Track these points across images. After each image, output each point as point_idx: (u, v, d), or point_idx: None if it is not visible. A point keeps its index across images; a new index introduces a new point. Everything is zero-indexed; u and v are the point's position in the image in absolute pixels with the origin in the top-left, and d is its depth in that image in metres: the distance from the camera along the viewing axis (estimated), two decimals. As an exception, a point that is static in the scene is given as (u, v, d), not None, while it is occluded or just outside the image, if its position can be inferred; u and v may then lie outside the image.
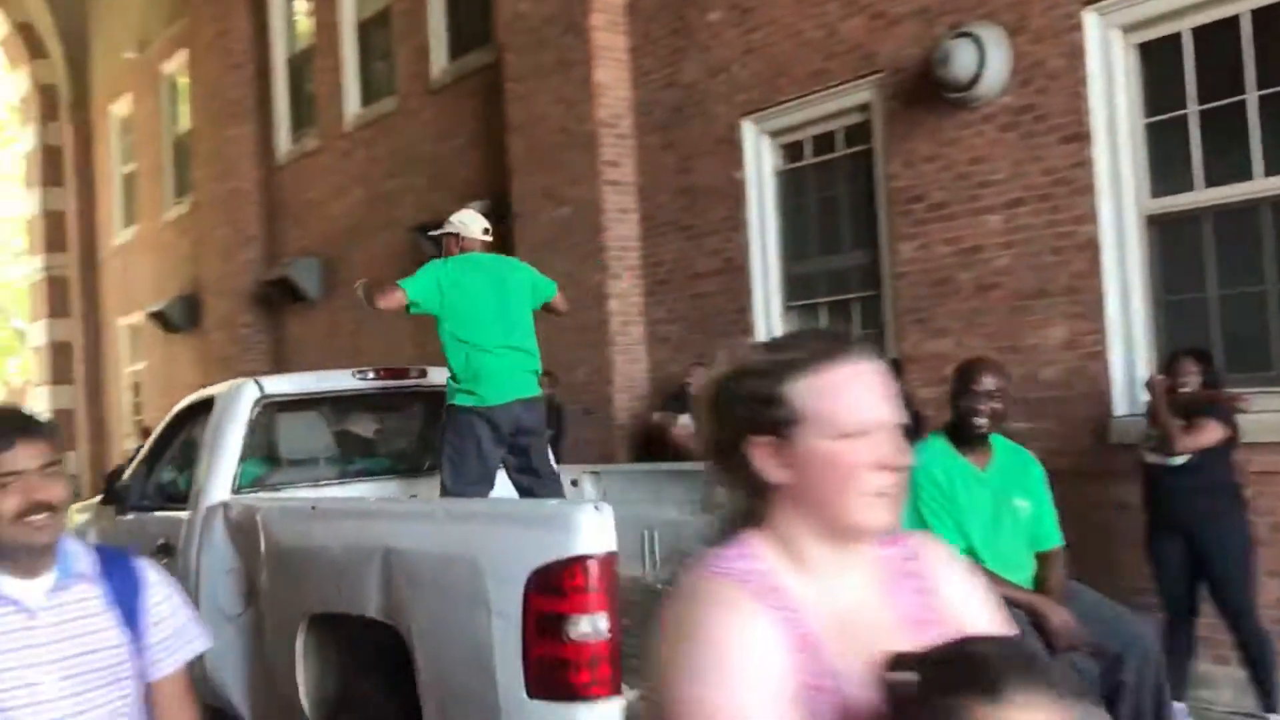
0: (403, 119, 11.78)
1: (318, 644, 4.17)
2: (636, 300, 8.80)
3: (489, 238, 5.68)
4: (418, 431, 6.36)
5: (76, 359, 20.11)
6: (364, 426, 6.44)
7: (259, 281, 14.17)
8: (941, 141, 6.80)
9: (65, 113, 20.20)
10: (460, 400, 5.22)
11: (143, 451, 6.42)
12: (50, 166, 20.49)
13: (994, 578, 3.53)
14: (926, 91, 6.76)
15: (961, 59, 6.38)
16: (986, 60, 6.35)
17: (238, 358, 14.31)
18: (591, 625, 3.12)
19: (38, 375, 22.15)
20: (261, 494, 5.31)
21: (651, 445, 8.37)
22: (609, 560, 3.15)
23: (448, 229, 5.64)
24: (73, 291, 20.19)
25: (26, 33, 20.29)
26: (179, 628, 2.28)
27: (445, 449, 5.27)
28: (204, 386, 10.54)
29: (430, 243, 10.72)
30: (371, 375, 6.04)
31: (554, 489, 5.40)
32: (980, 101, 6.52)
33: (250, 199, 14.36)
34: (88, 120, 19.97)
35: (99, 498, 6.58)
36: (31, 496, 2.04)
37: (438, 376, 5.75)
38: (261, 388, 5.57)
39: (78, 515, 6.74)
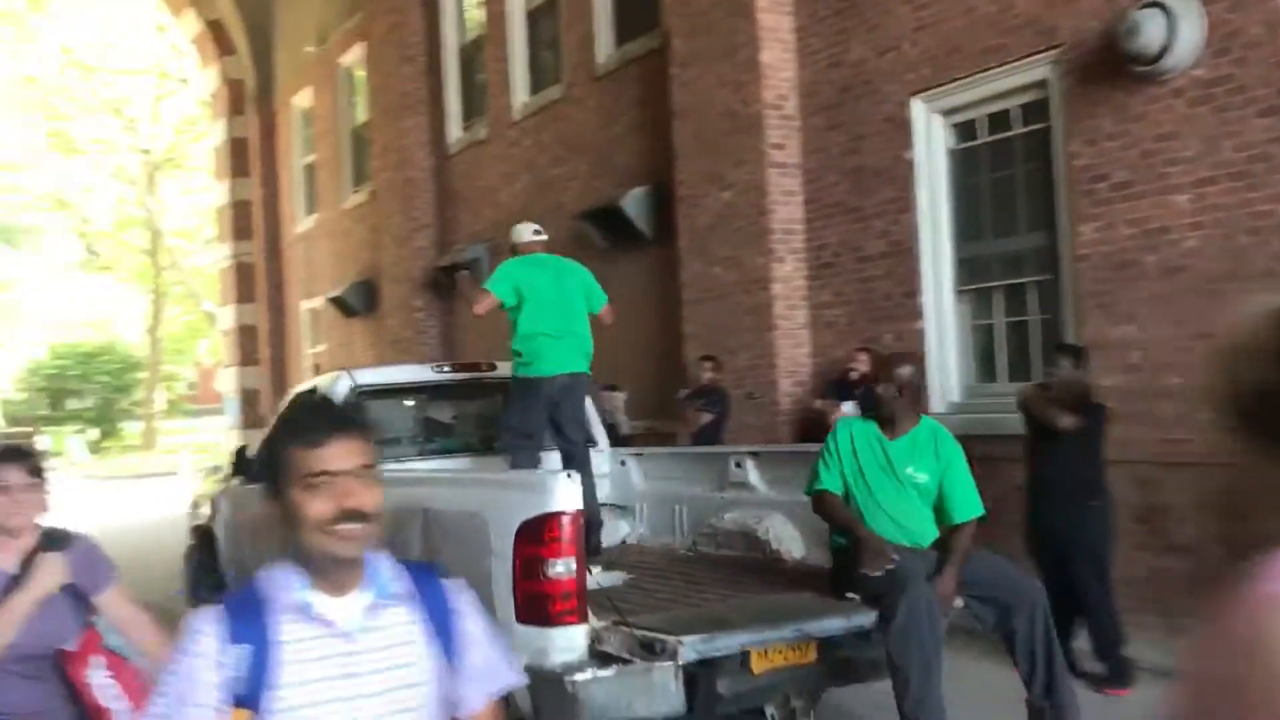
0: (568, 106, 11.94)
1: None
2: (800, 284, 8.70)
3: (541, 236, 6.72)
4: (486, 416, 7.20)
5: (261, 341, 21.14)
6: (441, 412, 7.42)
7: (431, 267, 14.61)
8: (1126, 118, 6.49)
9: (251, 106, 21.21)
10: (520, 372, 6.24)
11: (266, 431, 7.20)
12: (237, 158, 21.56)
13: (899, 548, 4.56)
14: (1110, 65, 6.46)
15: (1150, 30, 6.08)
16: (1177, 31, 6.03)
17: (411, 340, 14.80)
18: (565, 566, 4.14)
19: (226, 356, 23.40)
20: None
21: (811, 432, 8.28)
22: (577, 516, 4.17)
23: (511, 241, 6.83)
24: (258, 277, 21.21)
25: (216, 30, 21.37)
26: (491, 658, 2.02)
27: (505, 409, 6.44)
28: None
29: (597, 230, 10.92)
30: (448, 368, 7.33)
31: (584, 459, 6.20)
32: (1169, 74, 6.20)
33: (423, 187, 14.81)
34: (272, 113, 20.93)
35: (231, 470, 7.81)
36: (343, 502, 1.78)
37: (504, 370, 6.63)
38: (354, 379, 6.72)
39: (215, 484, 8.20)
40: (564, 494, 4.19)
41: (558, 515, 4.16)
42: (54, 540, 3.06)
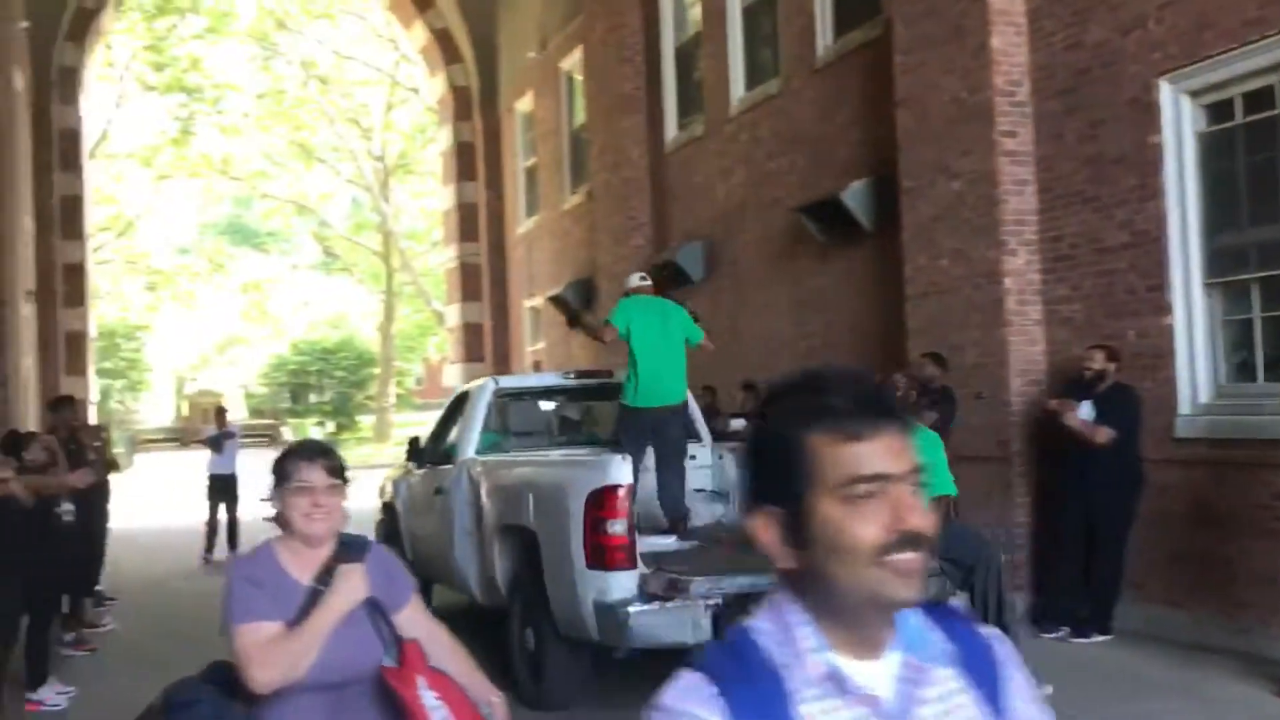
0: (786, 100, 11.81)
1: (504, 544, 6.93)
2: (1034, 278, 8.30)
3: (647, 282, 8.05)
4: (606, 413, 8.81)
5: (485, 338, 21.91)
6: (568, 410, 9.32)
7: (647, 265, 14.74)
8: None
9: (476, 112, 22.00)
10: (626, 400, 7.39)
11: (433, 425, 9.27)
12: (463, 163, 22.40)
13: None
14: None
15: None
16: None
17: (627, 338, 14.99)
18: (620, 525, 5.68)
19: (452, 353, 24.37)
20: (491, 456, 7.81)
21: (1047, 434, 7.89)
22: (628, 489, 5.74)
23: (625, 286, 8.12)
24: (483, 277, 21.98)
25: (443, 40, 22.26)
26: None
27: (616, 426, 7.77)
28: (595, 365, 12.47)
29: (816, 223, 10.75)
30: (573, 375, 8.80)
31: (677, 469, 7.36)
32: None
33: (640, 186, 14.97)
34: (495, 118, 21.64)
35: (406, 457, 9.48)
36: (902, 520, 1.25)
37: (620, 375, 7.75)
38: (498, 383, 8.53)
39: (399, 469, 9.87)
40: (618, 472, 5.81)
41: (615, 487, 5.73)
42: (351, 549, 2.75)
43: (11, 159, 13.68)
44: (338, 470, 2.73)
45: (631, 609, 5.57)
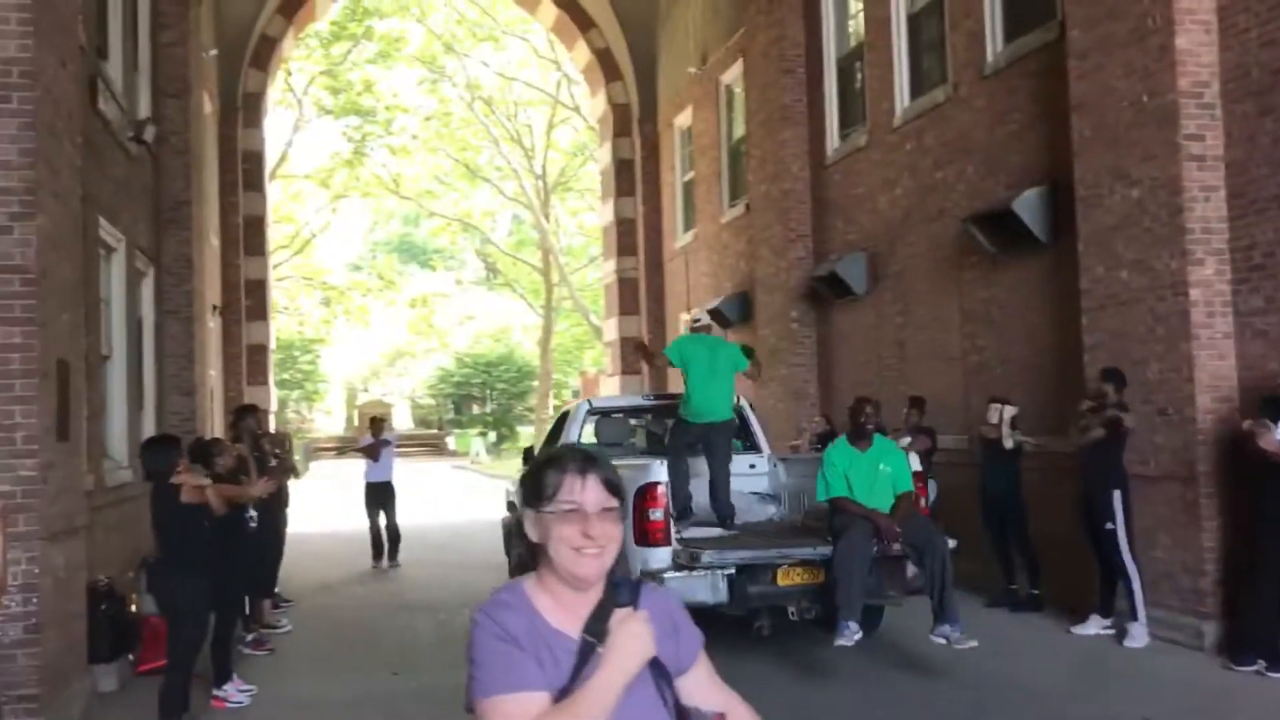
0: (954, 107, 11.51)
1: None
2: (1223, 289, 7.85)
3: (700, 323, 9.80)
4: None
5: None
6: (649, 424, 11.18)
7: (808, 277, 14.59)
8: None
9: (635, 128, 22.22)
10: (680, 415, 9.07)
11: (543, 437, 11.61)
12: (622, 179, 22.64)
13: (861, 505, 7.41)
14: None
15: None
16: None
17: (787, 350, 14.85)
18: (658, 513, 7.41)
19: (609, 366, 24.61)
20: None
21: (1240, 454, 7.43)
22: (665, 486, 7.51)
23: (691, 325, 9.90)
24: (640, 291, 22.15)
25: (604, 59, 22.57)
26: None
27: (669, 434, 9.47)
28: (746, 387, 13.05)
29: (985, 234, 10.44)
30: (653, 397, 11.54)
31: (723, 476, 8.71)
32: None
33: (800, 198, 14.83)
34: (654, 134, 21.81)
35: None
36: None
37: None
38: (590, 404, 11.08)
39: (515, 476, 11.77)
40: (658, 474, 7.59)
41: (655, 484, 7.55)
42: (621, 590, 2.13)
43: (201, 180, 14.45)
44: (616, 487, 2.12)
45: (666, 575, 7.38)
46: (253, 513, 8.27)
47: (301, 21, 22.48)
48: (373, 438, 14.09)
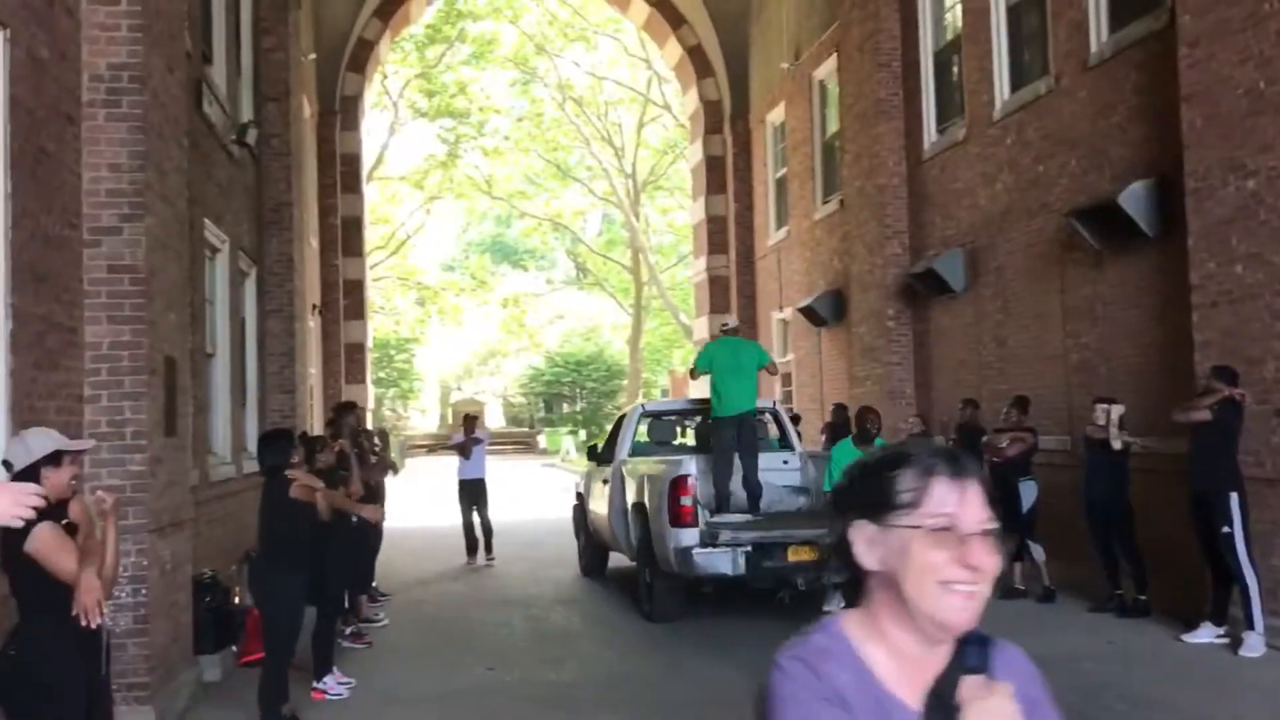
0: (1056, 99, 11.21)
1: (634, 517, 10.29)
2: (1348, 283, 7.50)
3: (728, 326, 11.30)
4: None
5: (734, 351, 21.90)
6: (697, 426, 12.41)
7: (904, 274, 14.35)
8: None
9: (726, 125, 22.10)
10: (713, 413, 10.43)
11: (606, 435, 13.42)
12: (713, 176, 22.55)
13: None
14: None
15: None
16: None
17: (882, 349, 14.63)
18: (689, 499, 9.11)
19: (701, 365, 24.54)
20: (633, 459, 11.23)
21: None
22: (694, 478, 9.21)
23: (721, 329, 11.54)
24: (731, 289, 22.03)
25: (696, 56, 22.50)
26: None
27: (713, 432, 10.59)
28: (849, 378, 13.51)
29: (1089, 229, 10.14)
30: (694, 401, 12.57)
31: (751, 463, 10.06)
32: None
33: (896, 194, 14.59)
34: (746, 130, 21.67)
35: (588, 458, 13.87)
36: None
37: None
38: (644, 407, 12.59)
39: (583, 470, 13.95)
40: (688, 467, 9.32)
41: (685, 476, 9.22)
42: (970, 648, 1.59)
43: (301, 183, 14.76)
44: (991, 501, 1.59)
45: (694, 551, 9.07)
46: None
47: (397, 25, 22.83)
48: (465, 435, 14.22)
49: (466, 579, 13.06)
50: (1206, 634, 8.18)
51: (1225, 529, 7.83)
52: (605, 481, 11.48)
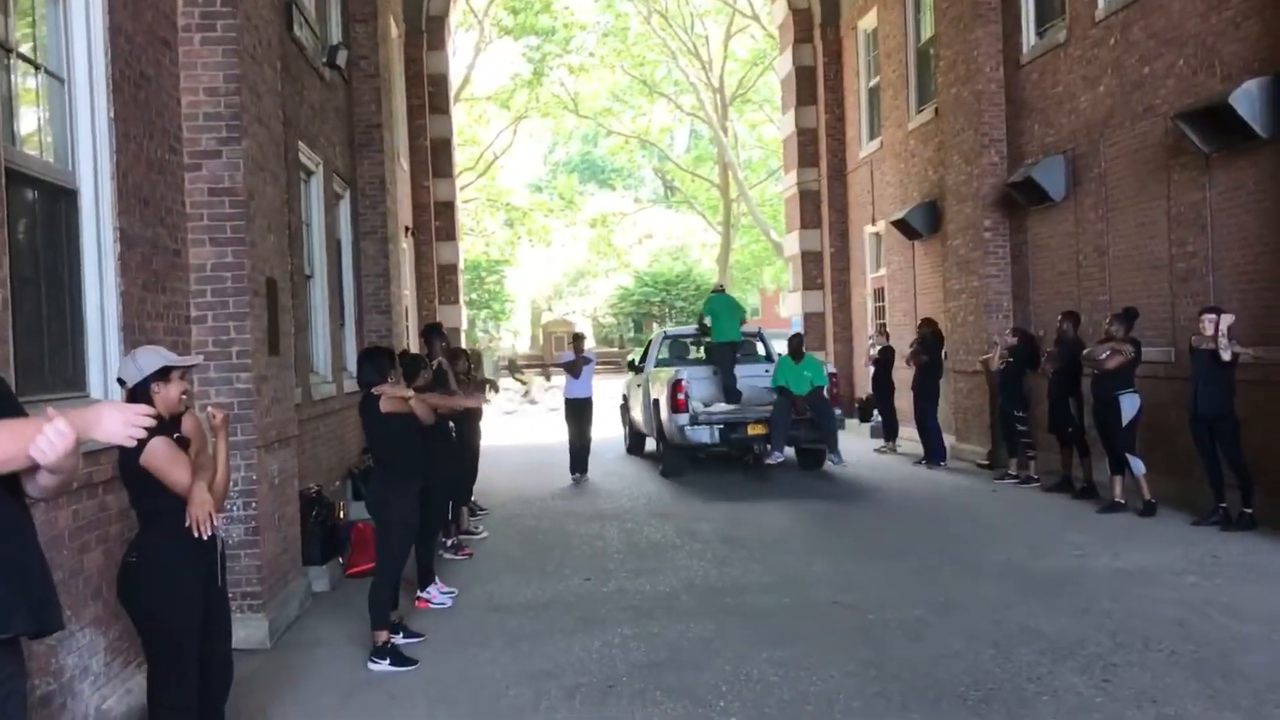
0: (1164, -4, 10.69)
1: (653, 410, 14.88)
2: None
3: (720, 288, 17.38)
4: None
5: (825, 266, 21.67)
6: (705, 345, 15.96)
7: (1002, 184, 13.97)
8: None
9: (816, 34, 21.55)
10: (712, 339, 14.85)
11: (640, 351, 18.08)
12: (803, 87, 22.06)
13: (788, 389, 13.25)
14: None
15: None
16: None
17: (978, 261, 14.33)
18: (683, 394, 13.56)
19: (791, 281, 24.31)
20: (655, 368, 15.32)
21: None
22: (685, 380, 13.66)
23: (716, 289, 17.33)
24: (822, 203, 21.70)
25: (784, -37, 21.93)
26: None
27: (710, 353, 15.28)
28: (944, 291, 13.49)
29: (1198, 131, 9.72)
30: (703, 328, 15.59)
31: (730, 375, 14.28)
32: None
33: (993, 100, 14.14)
34: (837, 39, 21.14)
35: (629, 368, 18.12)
36: None
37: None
38: (666, 333, 17.19)
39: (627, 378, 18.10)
40: (683, 373, 13.75)
41: (680, 380, 13.55)
42: None
43: (390, 105, 14.84)
44: None
45: (686, 428, 13.41)
46: (451, 424, 8.57)
47: (481, -58, 22.60)
48: (574, 354, 14.34)
49: (564, 494, 13.29)
50: (1316, 547, 7.98)
51: None
52: (639, 386, 16.03)
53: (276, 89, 7.81)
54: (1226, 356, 8.95)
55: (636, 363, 16.98)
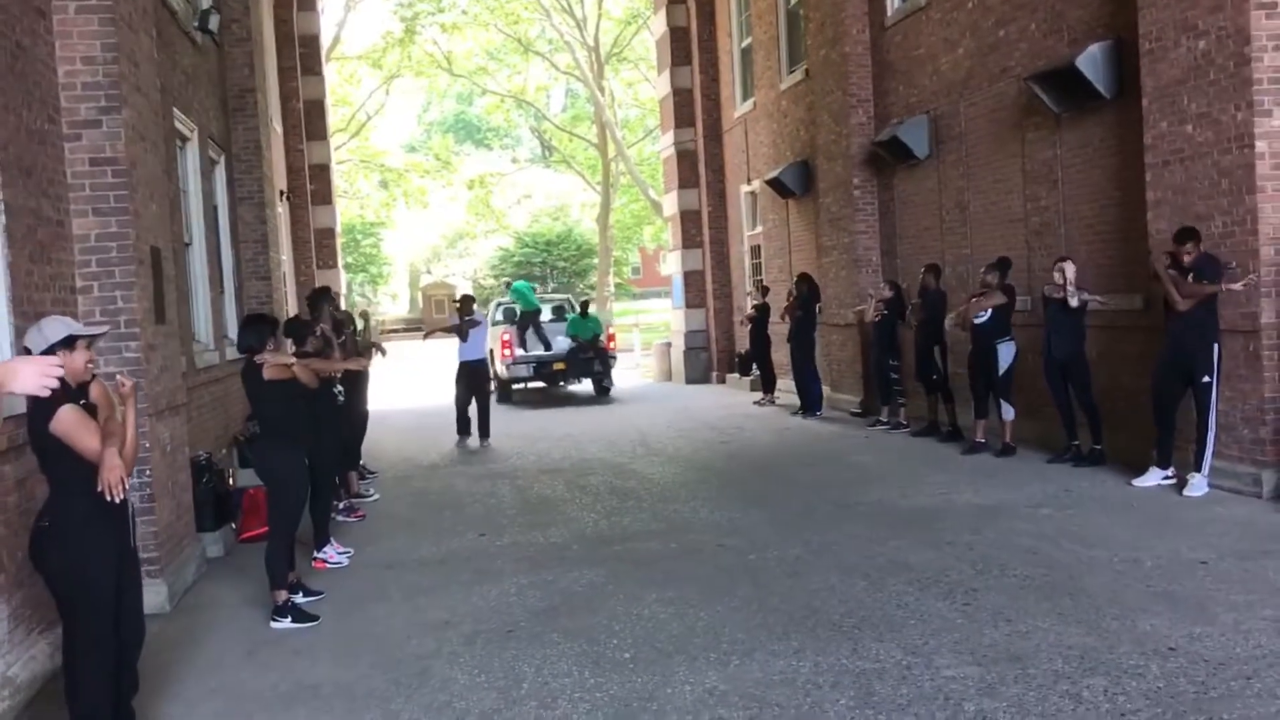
0: (1016, -38, 11.25)
1: (491, 356, 19.51)
2: (1293, 140, 7.78)
3: (521, 278, 29.92)
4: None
5: (703, 225, 22.10)
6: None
7: (869, 143, 14.51)
8: None
9: (690, -4, 21.82)
10: (521, 308, 21.04)
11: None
12: (678, 47, 22.35)
13: (579, 338, 20.16)
14: None
15: None
16: None
17: (849, 218, 14.88)
18: (506, 348, 20.10)
19: (671, 240, 24.71)
20: (494, 326, 20.17)
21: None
22: (513, 336, 20.09)
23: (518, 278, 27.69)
24: (699, 163, 22.08)
25: (656, -76, 22.06)
26: None
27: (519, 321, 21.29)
28: (816, 248, 13.24)
29: (1049, 93, 10.32)
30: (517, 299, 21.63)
31: (539, 331, 20.49)
32: None
33: (860, 62, 14.65)
34: (709, 0, 21.45)
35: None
36: None
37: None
38: (499, 302, 23.57)
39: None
40: (507, 333, 20.15)
41: (505, 335, 20.11)
42: None
43: (263, 68, 14.62)
44: None
45: (510, 365, 19.74)
46: (339, 389, 8.67)
47: (349, -101, 22.18)
48: (461, 318, 14.39)
49: (454, 457, 13.46)
50: (1154, 477, 8.68)
51: (1205, 379, 8.18)
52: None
53: (153, 56, 7.76)
54: (1074, 303, 9.60)
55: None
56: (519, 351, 19.72)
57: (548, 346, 19.89)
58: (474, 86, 46.58)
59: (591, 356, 19.79)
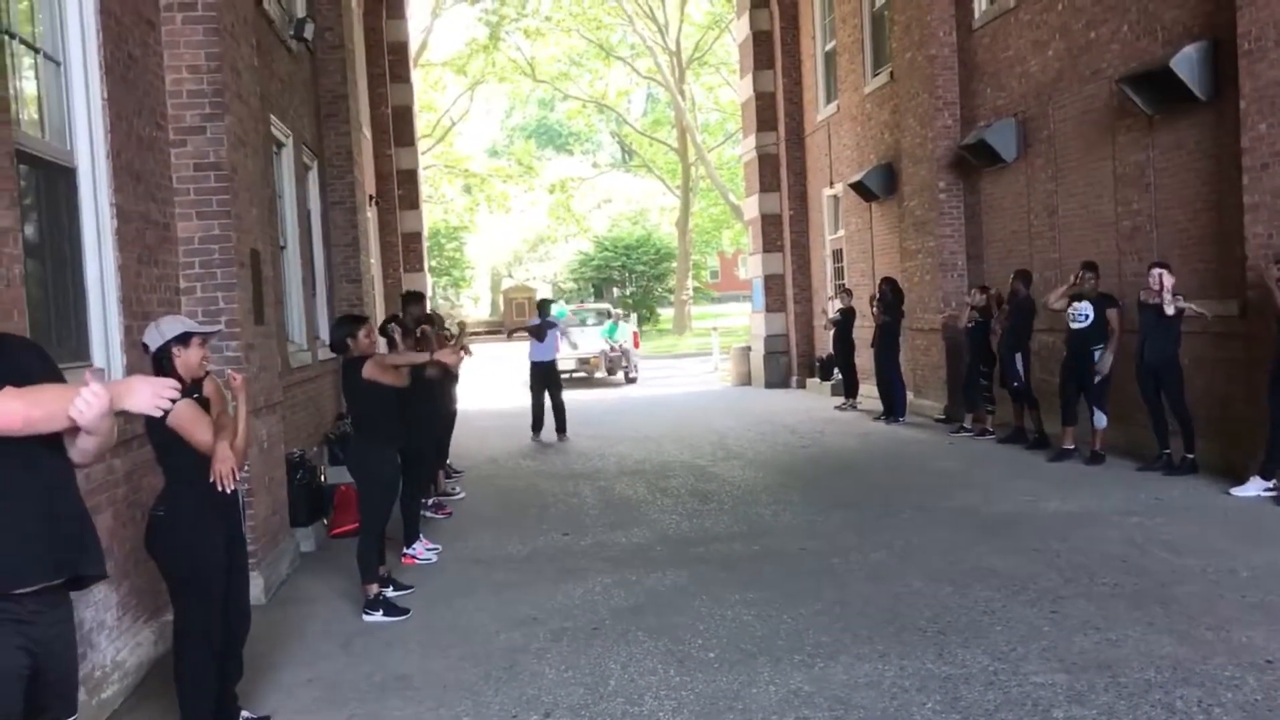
0: (1109, -37, 11.07)
1: None
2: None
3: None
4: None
5: (784, 228, 22.03)
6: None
7: (955, 146, 14.37)
8: None
9: (773, -1, 21.80)
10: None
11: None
12: (761, 51, 22.32)
13: (608, 339, 27.09)
14: None
15: None
16: None
17: (934, 222, 14.75)
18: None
19: (751, 244, 24.66)
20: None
21: None
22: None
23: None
24: (781, 167, 22.02)
25: (740, -72, 22.07)
26: None
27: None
28: (900, 251, 12.95)
29: (1141, 95, 10.14)
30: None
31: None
32: None
33: (947, 64, 14.52)
34: (793, 3, 21.38)
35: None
36: None
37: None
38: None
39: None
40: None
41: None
42: None
43: (353, 74, 14.96)
44: None
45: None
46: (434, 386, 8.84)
47: (437, -92, 22.55)
48: (540, 319, 14.71)
49: (535, 456, 13.63)
50: (1254, 488, 8.48)
51: None
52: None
53: (253, 64, 8.01)
54: (1171, 311, 9.41)
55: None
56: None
57: (574, 348, 24.02)
58: (556, 92, 47.00)
59: (618, 355, 26.41)
